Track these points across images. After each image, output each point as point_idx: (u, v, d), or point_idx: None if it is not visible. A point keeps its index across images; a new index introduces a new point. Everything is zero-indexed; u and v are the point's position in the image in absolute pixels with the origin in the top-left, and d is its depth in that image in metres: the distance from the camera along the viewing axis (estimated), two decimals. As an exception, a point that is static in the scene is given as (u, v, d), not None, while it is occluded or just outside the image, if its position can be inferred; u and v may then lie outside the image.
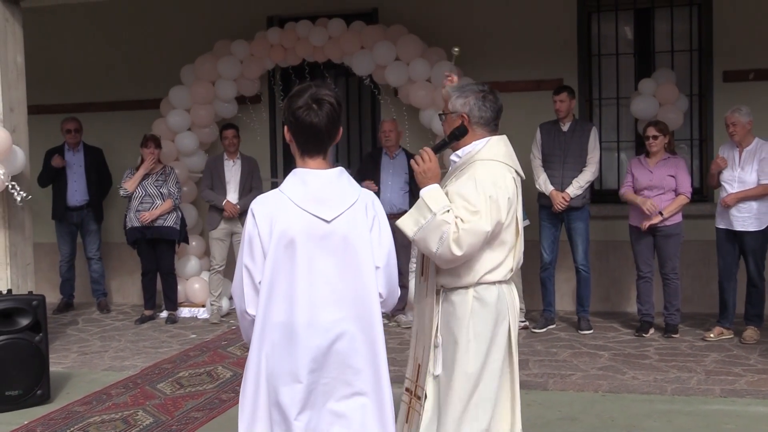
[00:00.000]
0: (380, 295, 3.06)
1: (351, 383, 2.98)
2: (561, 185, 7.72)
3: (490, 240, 3.62)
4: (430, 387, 3.74)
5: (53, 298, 9.27)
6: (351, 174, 3.15)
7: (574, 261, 7.90)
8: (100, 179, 9.45)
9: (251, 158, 8.78)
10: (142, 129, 9.13)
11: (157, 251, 8.69)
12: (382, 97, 9.12)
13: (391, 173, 8.24)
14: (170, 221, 8.55)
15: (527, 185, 8.00)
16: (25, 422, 5.66)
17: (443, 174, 3.72)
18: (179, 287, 9.01)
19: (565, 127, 7.82)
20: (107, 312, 9.43)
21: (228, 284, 8.92)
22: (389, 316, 8.41)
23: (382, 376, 3.03)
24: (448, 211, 3.55)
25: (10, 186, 6.76)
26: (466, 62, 8.66)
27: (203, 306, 9.00)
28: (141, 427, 5.48)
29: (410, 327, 8.02)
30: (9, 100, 6.99)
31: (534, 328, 7.88)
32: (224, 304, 8.87)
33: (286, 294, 2.94)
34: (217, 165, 8.71)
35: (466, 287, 3.67)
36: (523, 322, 7.99)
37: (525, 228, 7.96)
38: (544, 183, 7.80)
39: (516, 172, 3.76)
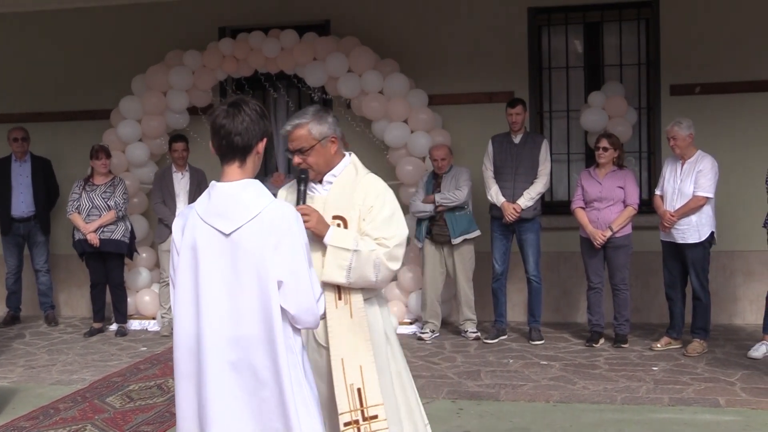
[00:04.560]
0: (286, 311, 2.97)
1: (257, 394, 2.96)
2: (512, 197, 7.78)
3: None
4: (389, 398, 3.74)
5: (-1, 311, 9.12)
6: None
7: (525, 272, 7.97)
8: (48, 190, 9.32)
9: (199, 170, 8.72)
10: (92, 139, 9.01)
11: (106, 264, 8.58)
12: (335, 109, 9.11)
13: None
14: (118, 234, 8.45)
15: (479, 196, 8.10)
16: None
17: None
18: (129, 299, 8.90)
19: (517, 139, 7.89)
20: (55, 325, 9.27)
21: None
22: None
23: (285, 390, 2.95)
24: (361, 238, 3.62)
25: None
26: (419, 74, 8.75)
27: (154, 318, 8.90)
28: (89, 441, 5.41)
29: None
30: (-46, 109, 6.88)
31: (486, 338, 7.91)
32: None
33: (189, 304, 2.97)
34: (165, 178, 8.63)
35: (370, 297, 3.75)
36: (474, 332, 8.03)
37: (477, 239, 8.09)
38: (495, 194, 7.85)
39: None
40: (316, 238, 3.60)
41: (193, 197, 8.56)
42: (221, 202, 2.99)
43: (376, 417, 3.65)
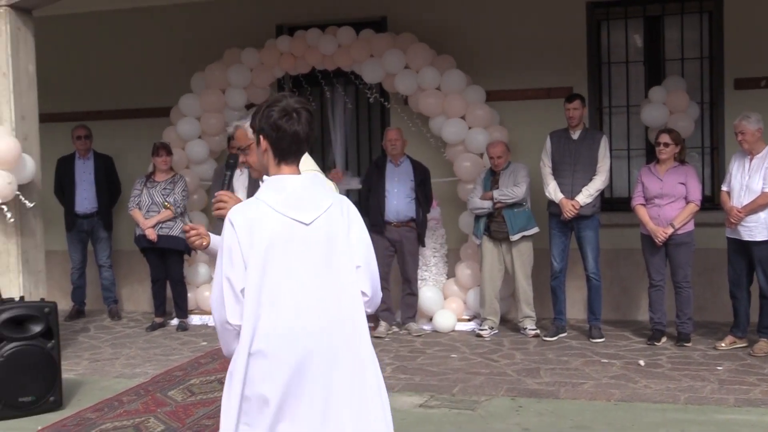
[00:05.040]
0: (364, 294, 3.11)
1: (340, 384, 2.99)
2: (571, 193, 7.71)
3: None
4: None
5: (65, 305, 9.28)
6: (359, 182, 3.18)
7: (584, 269, 7.89)
8: (110, 187, 9.47)
9: (256, 168, 8.78)
10: (153, 137, 9.15)
11: (166, 260, 8.70)
12: (392, 105, 9.13)
13: (396, 181, 8.24)
14: (176, 231, 8.55)
15: (537, 193, 8.05)
16: (39, 428, 5.66)
17: None
18: (190, 295, 9.01)
19: (576, 136, 7.81)
20: (118, 319, 9.44)
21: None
22: (400, 324, 8.41)
23: (367, 376, 3.05)
24: None
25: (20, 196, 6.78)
26: (476, 70, 8.71)
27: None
28: (153, 434, 5.49)
29: (421, 335, 8.08)
30: (20, 108, 7.01)
31: (545, 336, 7.86)
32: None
33: (273, 300, 2.96)
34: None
35: None
36: (534, 330, 7.98)
37: (535, 236, 8.03)
38: (553, 191, 7.78)
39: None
40: None
41: (250, 193, 8.60)
42: (297, 194, 3.06)
43: None
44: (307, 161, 3.84)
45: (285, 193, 3.06)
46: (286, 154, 3.11)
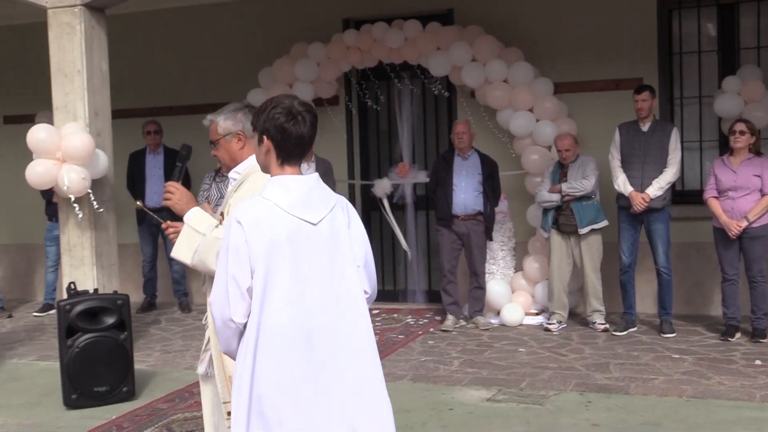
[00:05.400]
0: (365, 292, 3.16)
1: (343, 381, 3.02)
2: (641, 186, 7.59)
3: None
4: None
5: (136, 297, 9.46)
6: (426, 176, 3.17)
7: (654, 263, 7.76)
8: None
9: (325, 160, 8.80)
10: (221, 132, 9.24)
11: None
12: (459, 98, 9.09)
13: (464, 175, 8.21)
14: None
15: (606, 186, 7.93)
16: (113, 417, 5.80)
17: None
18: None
19: (645, 127, 7.68)
20: (188, 312, 9.59)
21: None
22: (468, 318, 8.39)
23: (368, 369, 3.08)
24: (217, 226, 3.70)
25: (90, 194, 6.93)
26: (544, 62, 8.62)
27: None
28: (223, 425, 5.55)
29: (488, 329, 8.04)
30: (94, 105, 7.16)
31: (615, 330, 7.75)
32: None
33: (280, 298, 2.98)
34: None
35: None
36: (603, 324, 7.88)
37: (604, 229, 7.92)
38: (623, 184, 7.67)
39: None
40: (178, 215, 3.84)
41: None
42: (305, 195, 3.09)
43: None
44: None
45: (294, 194, 3.07)
46: (290, 156, 3.13)
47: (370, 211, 9.75)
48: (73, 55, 7.04)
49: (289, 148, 3.11)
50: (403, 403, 5.89)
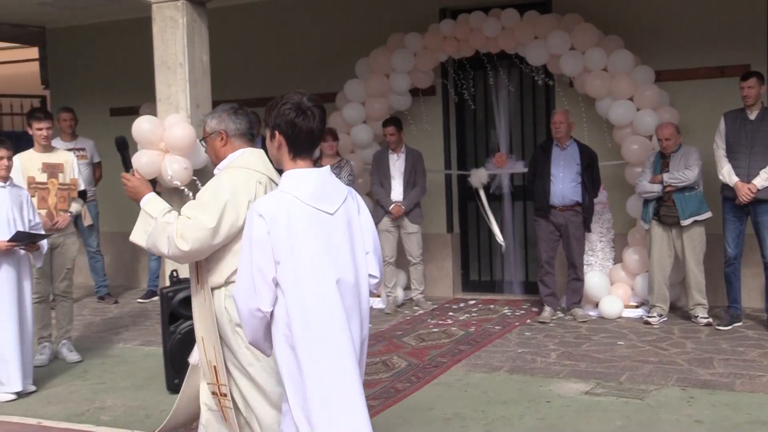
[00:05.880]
0: (374, 276, 3.37)
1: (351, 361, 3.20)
2: (747, 176, 7.35)
3: (233, 240, 3.84)
4: (231, 382, 3.96)
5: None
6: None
7: (761, 256, 7.50)
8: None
9: (416, 151, 8.83)
10: (319, 123, 9.33)
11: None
12: (556, 88, 8.97)
13: (562, 165, 8.09)
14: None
15: (710, 176, 7.71)
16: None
17: None
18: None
19: (753, 116, 7.43)
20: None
21: (401, 274, 9.01)
22: (565, 310, 8.30)
23: (363, 356, 3.33)
24: (170, 211, 3.93)
25: (180, 185, 7.08)
26: (645, 49, 8.43)
27: (378, 296, 9.14)
28: (320, 413, 5.62)
29: (586, 321, 7.93)
30: (195, 96, 7.30)
31: (718, 325, 7.54)
32: (399, 294, 8.95)
33: (303, 287, 3.13)
34: (382, 159, 8.82)
35: (219, 287, 3.93)
36: (705, 318, 7.68)
37: (707, 221, 7.69)
38: (728, 174, 7.44)
39: (271, 179, 4.05)
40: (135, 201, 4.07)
41: (408, 179, 8.68)
42: (320, 187, 3.25)
43: (225, 395, 3.93)
44: (261, 162, 4.10)
45: (310, 186, 3.23)
46: (301, 150, 3.28)
47: (466, 201, 9.72)
48: (176, 48, 7.20)
49: (300, 141, 3.27)
50: (500, 395, 5.87)
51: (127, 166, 4.40)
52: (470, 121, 9.74)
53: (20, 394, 6.23)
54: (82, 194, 7.60)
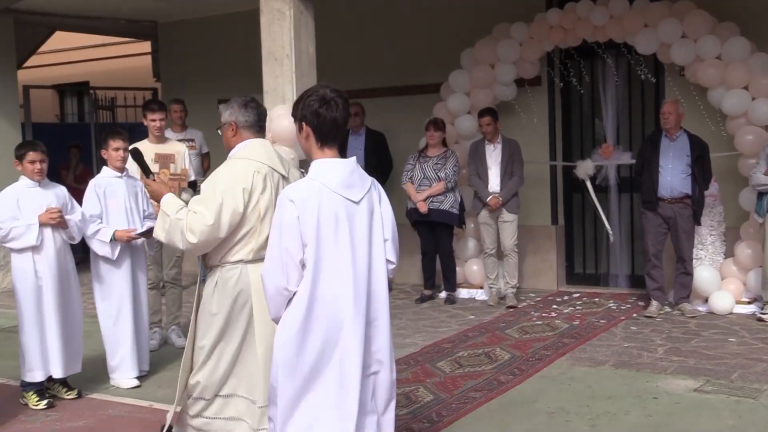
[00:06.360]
0: (391, 262, 3.66)
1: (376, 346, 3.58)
2: None
3: (238, 226, 4.20)
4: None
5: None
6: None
7: None
8: (380, 162, 9.76)
9: (512, 140, 8.73)
10: (423, 113, 9.36)
11: (436, 233, 8.90)
12: (666, 77, 8.74)
13: (671, 156, 7.88)
14: (447, 205, 8.71)
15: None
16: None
17: None
18: (458, 268, 9.17)
19: None
20: (390, 291, 9.74)
21: (502, 266, 8.92)
22: (673, 304, 8.10)
23: (386, 325, 3.63)
24: (182, 208, 4.24)
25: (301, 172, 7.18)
26: (762, 36, 8.13)
27: (481, 288, 9.09)
28: (422, 403, 5.64)
29: (695, 316, 7.72)
30: (301, 87, 7.37)
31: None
32: (503, 285, 8.86)
33: (332, 269, 3.43)
34: (478, 150, 8.75)
35: (213, 268, 4.32)
36: (765, 313, 7.42)
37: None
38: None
39: (273, 169, 4.31)
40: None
41: (504, 170, 8.58)
42: (348, 176, 3.51)
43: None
44: (264, 152, 4.37)
45: (338, 175, 3.48)
46: (327, 139, 3.52)
47: (571, 193, 9.58)
48: (283, 40, 7.30)
49: (326, 131, 3.50)
50: (605, 389, 5.77)
51: (147, 172, 4.86)
52: (576, 111, 9.58)
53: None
54: (192, 184, 7.77)
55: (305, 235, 3.39)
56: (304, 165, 6.95)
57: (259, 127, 4.43)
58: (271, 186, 4.28)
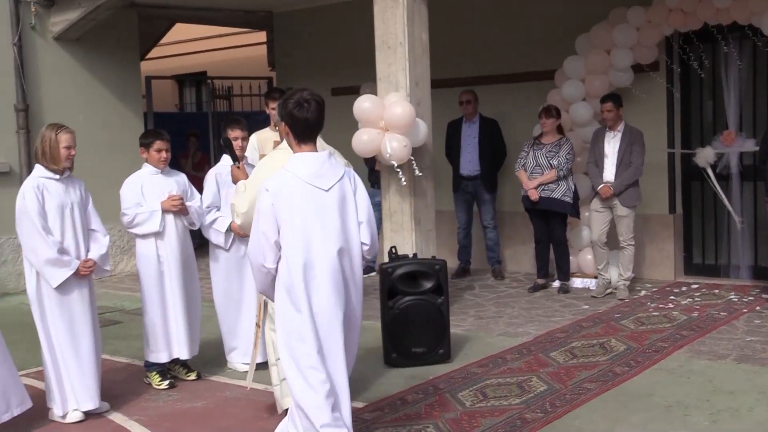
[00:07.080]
0: (364, 244, 4.22)
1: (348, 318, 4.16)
2: None
3: None
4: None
5: (451, 263, 9.68)
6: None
7: None
8: (494, 150, 9.69)
9: (635, 129, 8.45)
10: (536, 100, 9.24)
11: (550, 222, 8.78)
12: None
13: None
14: (559, 193, 8.57)
15: None
16: (430, 377, 6.03)
17: None
18: (572, 257, 9.03)
19: None
20: (501, 279, 9.71)
21: (614, 256, 8.70)
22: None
23: (358, 298, 4.26)
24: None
25: (412, 160, 7.19)
26: None
27: (595, 277, 8.93)
28: (535, 393, 5.59)
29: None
30: (415, 75, 7.41)
31: None
32: (613, 276, 8.65)
33: (303, 247, 4.01)
34: (598, 138, 8.54)
35: None
36: None
37: None
38: None
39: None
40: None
41: (621, 159, 8.34)
42: (318, 167, 4.10)
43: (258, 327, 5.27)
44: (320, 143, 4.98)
45: (310, 167, 4.08)
46: (303, 136, 4.13)
47: (690, 181, 9.30)
48: (396, 28, 7.32)
49: (299, 129, 4.11)
50: (726, 384, 5.60)
51: (234, 159, 5.71)
52: (696, 97, 9.28)
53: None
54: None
55: (279, 219, 4.01)
56: (415, 153, 6.97)
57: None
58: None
